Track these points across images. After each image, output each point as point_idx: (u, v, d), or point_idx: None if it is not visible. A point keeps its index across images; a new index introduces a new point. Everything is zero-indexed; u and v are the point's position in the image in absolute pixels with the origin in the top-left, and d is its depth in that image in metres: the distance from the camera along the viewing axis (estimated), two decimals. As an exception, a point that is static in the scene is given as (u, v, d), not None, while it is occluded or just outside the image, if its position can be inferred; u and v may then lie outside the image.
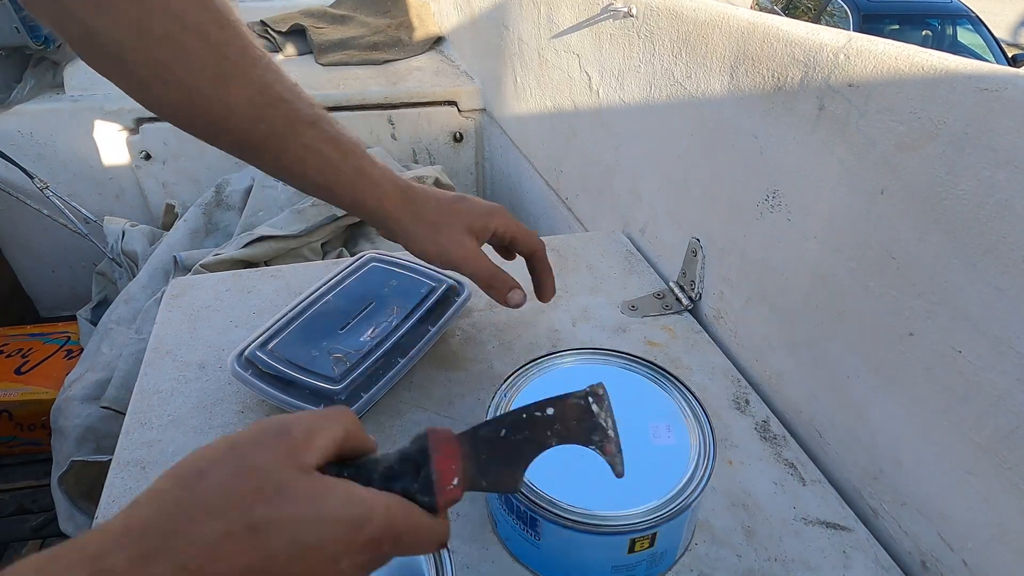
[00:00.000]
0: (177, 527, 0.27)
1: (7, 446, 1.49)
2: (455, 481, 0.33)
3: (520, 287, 0.60)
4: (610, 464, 0.36)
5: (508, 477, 0.35)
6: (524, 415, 0.35)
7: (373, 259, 0.77)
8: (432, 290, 0.71)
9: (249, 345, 0.64)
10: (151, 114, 1.55)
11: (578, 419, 0.36)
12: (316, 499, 0.28)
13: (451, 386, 0.68)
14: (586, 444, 0.36)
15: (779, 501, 0.57)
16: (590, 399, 0.36)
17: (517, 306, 0.60)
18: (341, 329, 0.65)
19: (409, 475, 0.32)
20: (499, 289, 0.60)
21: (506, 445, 0.35)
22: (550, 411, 0.35)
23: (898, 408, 0.53)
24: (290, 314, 0.68)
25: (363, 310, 0.68)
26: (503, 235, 0.61)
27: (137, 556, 0.26)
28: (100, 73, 0.48)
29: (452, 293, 0.72)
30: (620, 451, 0.35)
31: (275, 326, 0.66)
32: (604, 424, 0.36)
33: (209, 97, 0.48)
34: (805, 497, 0.57)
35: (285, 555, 0.27)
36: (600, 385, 0.35)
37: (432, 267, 0.70)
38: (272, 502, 0.27)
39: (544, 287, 0.64)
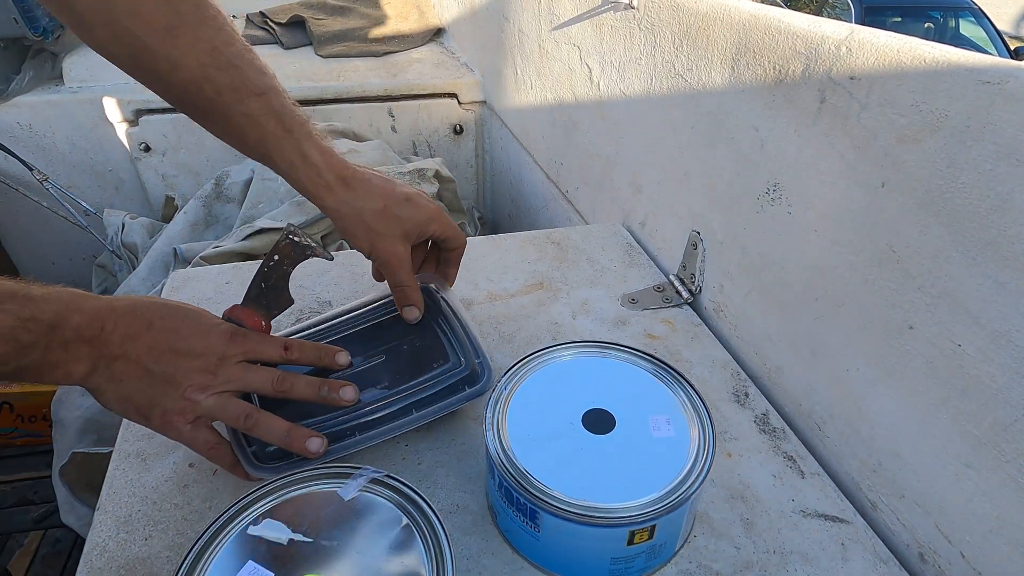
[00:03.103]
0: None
1: (8, 438, 1.50)
2: (263, 324, 0.56)
3: (420, 308, 0.63)
4: (324, 257, 0.58)
5: (285, 301, 0.58)
6: (266, 270, 0.56)
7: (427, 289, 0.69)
8: (445, 372, 0.60)
9: None
10: (151, 106, 1.54)
11: (292, 249, 0.55)
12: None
13: (451, 379, 0.68)
14: (305, 258, 0.56)
15: (778, 493, 0.57)
16: (291, 236, 0.55)
17: (409, 321, 0.63)
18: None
19: None
20: (402, 300, 0.62)
21: (271, 290, 0.56)
22: (276, 256, 0.56)
23: (897, 401, 0.53)
24: (300, 334, 0.65)
25: (366, 363, 0.62)
26: (438, 237, 0.65)
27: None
28: (42, 3, 0.49)
29: (466, 381, 0.60)
30: (325, 249, 0.59)
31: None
32: (308, 243, 0.56)
33: (155, 51, 0.47)
34: (804, 490, 0.58)
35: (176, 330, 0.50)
36: (290, 226, 0.55)
37: (455, 337, 0.64)
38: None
39: (448, 276, 0.69)
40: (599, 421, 0.51)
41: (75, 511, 1.05)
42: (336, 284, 0.81)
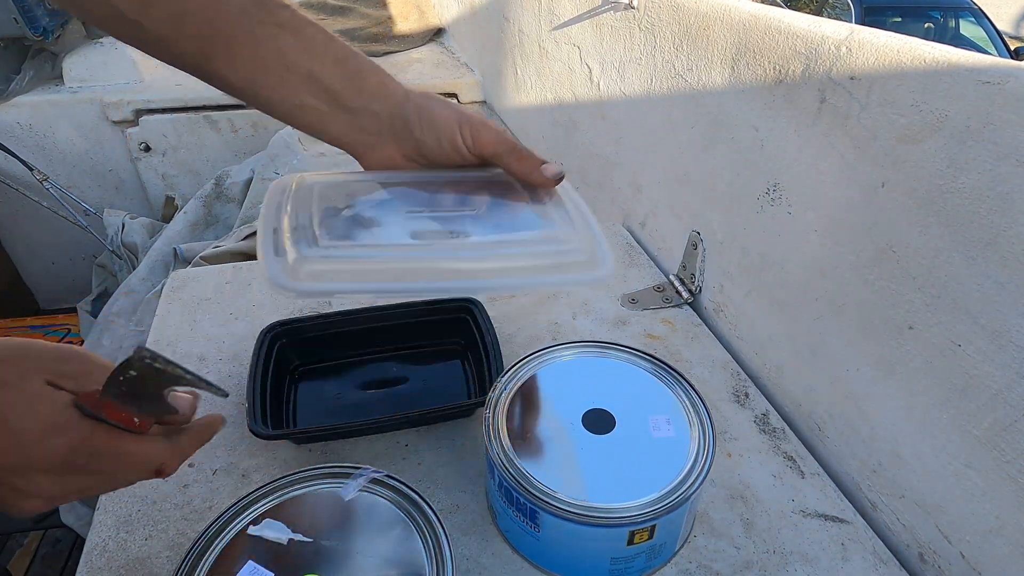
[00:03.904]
0: None
1: (8, 438, 1.49)
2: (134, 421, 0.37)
3: (546, 172, 0.47)
4: (212, 392, 0.38)
5: (166, 410, 0.39)
6: (121, 379, 0.36)
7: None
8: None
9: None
10: (151, 106, 1.54)
11: (153, 373, 0.36)
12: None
13: (451, 379, 0.68)
14: (176, 384, 0.38)
15: (778, 494, 0.57)
16: (148, 360, 0.35)
17: (556, 179, 0.47)
18: None
19: None
20: (532, 161, 0.47)
21: (139, 397, 0.37)
22: (132, 372, 0.35)
23: (897, 401, 0.53)
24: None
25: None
26: (477, 151, 0.48)
27: None
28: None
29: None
30: (205, 380, 0.37)
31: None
32: (178, 372, 0.36)
33: None
34: (804, 490, 0.58)
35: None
36: (141, 348, 0.34)
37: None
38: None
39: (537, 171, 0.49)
40: (599, 421, 0.51)
41: (75, 511, 1.05)
42: (336, 284, 0.81)
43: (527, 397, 0.53)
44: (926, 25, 5.61)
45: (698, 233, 0.78)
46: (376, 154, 0.47)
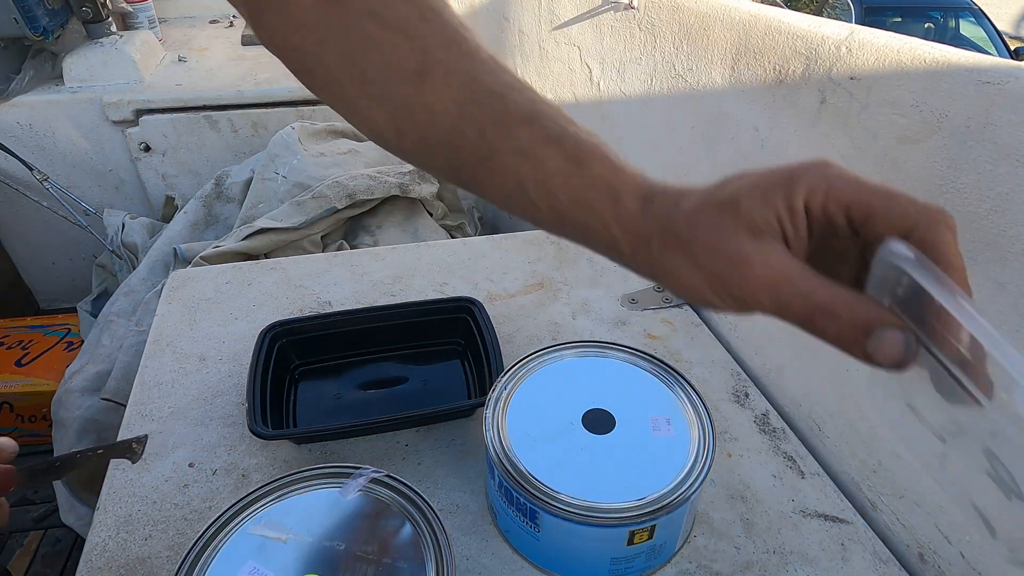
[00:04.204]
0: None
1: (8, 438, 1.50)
2: None
3: (896, 322, 0.29)
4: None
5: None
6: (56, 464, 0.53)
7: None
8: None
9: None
10: (151, 106, 1.54)
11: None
12: None
13: (451, 379, 0.68)
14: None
15: (778, 494, 0.57)
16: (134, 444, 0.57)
17: (895, 364, 0.30)
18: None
19: None
20: (842, 326, 0.31)
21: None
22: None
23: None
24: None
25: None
26: (828, 207, 0.31)
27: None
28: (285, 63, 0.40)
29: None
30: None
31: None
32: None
33: (410, 103, 0.38)
34: (804, 490, 0.58)
35: None
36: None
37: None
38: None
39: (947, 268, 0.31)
40: (599, 421, 0.51)
41: (75, 510, 1.05)
42: (336, 284, 0.81)
43: None
44: (926, 25, 5.61)
45: (698, 233, 0.78)
46: (638, 266, 0.36)
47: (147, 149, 1.59)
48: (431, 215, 1.28)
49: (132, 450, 0.55)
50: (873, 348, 0.30)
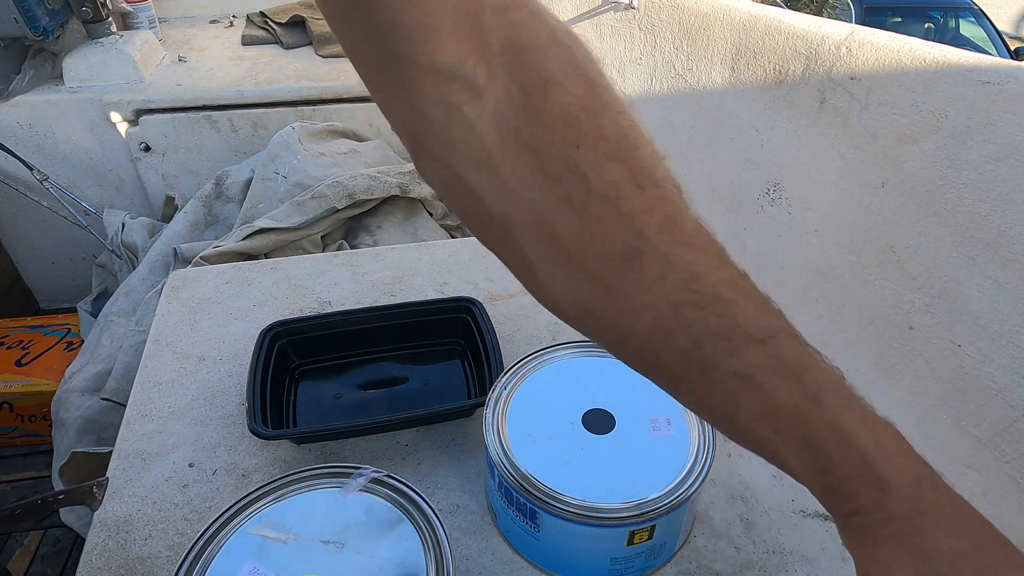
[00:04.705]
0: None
1: (8, 437, 1.50)
2: None
3: None
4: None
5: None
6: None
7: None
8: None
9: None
10: (151, 106, 1.54)
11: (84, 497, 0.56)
12: None
13: (451, 379, 0.68)
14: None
15: (778, 494, 0.57)
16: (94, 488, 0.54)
17: None
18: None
19: None
20: None
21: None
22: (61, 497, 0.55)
23: (897, 401, 0.53)
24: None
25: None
26: None
27: None
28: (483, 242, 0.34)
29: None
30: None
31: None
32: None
33: (613, 289, 0.32)
34: (804, 490, 0.57)
35: None
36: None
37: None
38: None
39: None
40: (599, 421, 0.51)
41: (75, 511, 1.05)
42: (336, 284, 0.81)
43: None
44: (926, 25, 5.61)
45: (698, 233, 0.78)
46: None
47: (147, 149, 1.59)
48: (431, 215, 1.28)
49: (92, 495, 0.55)
50: None
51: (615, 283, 0.32)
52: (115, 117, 1.58)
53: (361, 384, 0.67)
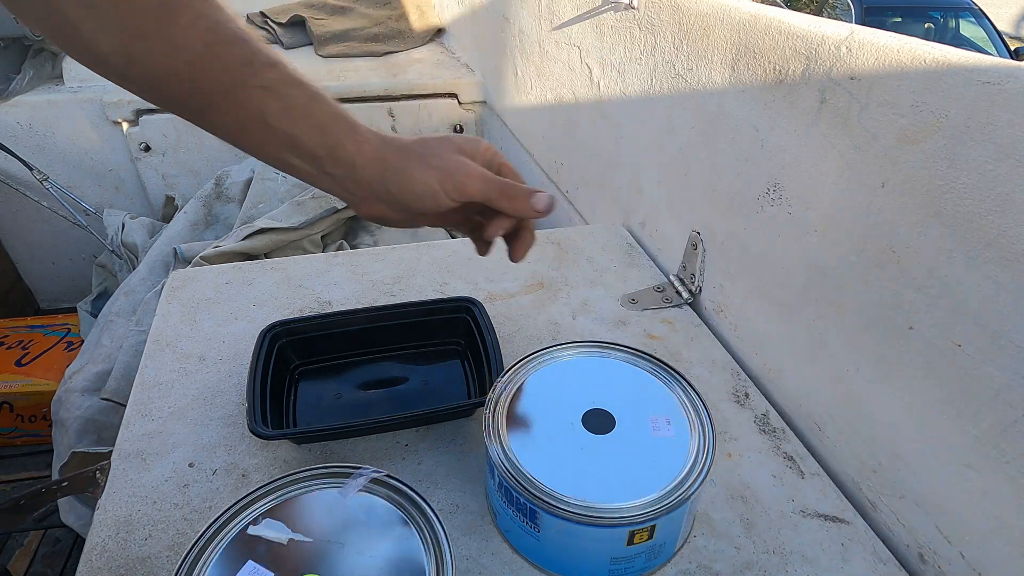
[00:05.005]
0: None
1: (8, 437, 1.50)
2: None
3: (541, 191, 0.48)
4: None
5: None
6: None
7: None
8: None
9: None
10: (151, 106, 1.55)
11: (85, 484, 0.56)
12: None
13: (451, 379, 0.68)
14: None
15: (778, 494, 0.57)
16: (97, 472, 0.55)
17: (548, 210, 0.49)
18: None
19: None
20: (521, 198, 0.48)
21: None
22: (64, 483, 0.55)
23: (897, 401, 0.53)
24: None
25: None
26: (493, 161, 0.50)
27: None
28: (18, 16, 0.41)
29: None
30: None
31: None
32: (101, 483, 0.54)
33: (151, 35, 0.40)
34: (804, 490, 0.58)
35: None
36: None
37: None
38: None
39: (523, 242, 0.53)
40: (599, 421, 0.51)
41: (75, 511, 1.05)
42: (336, 284, 0.82)
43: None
44: (926, 25, 5.61)
45: (698, 233, 0.78)
46: (366, 210, 0.48)
47: (147, 149, 1.59)
48: (431, 215, 1.28)
49: (95, 481, 0.56)
50: (535, 203, 0.48)
51: (155, 32, 0.40)
52: (115, 117, 1.58)
53: (361, 384, 0.67)
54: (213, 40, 0.42)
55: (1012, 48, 5.75)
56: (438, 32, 1.98)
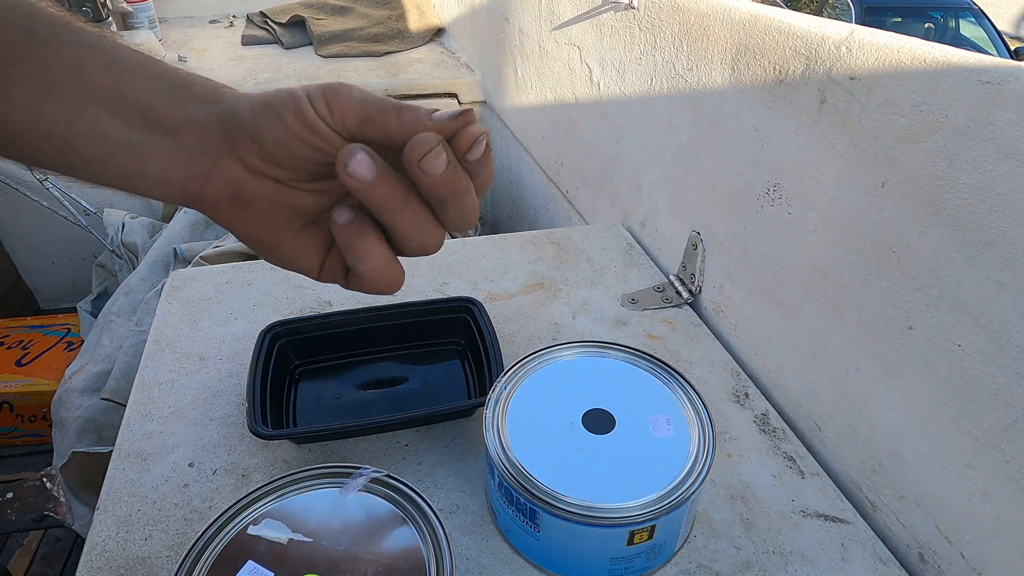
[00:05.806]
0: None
1: (8, 437, 1.50)
2: None
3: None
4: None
5: None
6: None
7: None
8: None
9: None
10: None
11: (35, 495, 0.53)
12: None
13: (451, 379, 0.68)
14: (44, 512, 0.52)
15: (778, 494, 0.57)
16: (44, 480, 0.51)
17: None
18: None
19: None
20: (415, 115, 0.33)
21: None
22: (10, 494, 0.48)
23: (897, 401, 0.53)
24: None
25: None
26: (345, 120, 0.33)
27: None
28: None
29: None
30: (72, 513, 0.52)
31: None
32: (57, 495, 0.48)
33: None
34: (804, 490, 0.58)
35: None
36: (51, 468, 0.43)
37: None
38: None
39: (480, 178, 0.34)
40: (599, 421, 0.51)
41: (75, 510, 1.05)
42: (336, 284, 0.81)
43: None
44: (926, 25, 5.61)
45: (698, 233, 0.78)
46: (214, 181, 0.35)
47: (147, 149, 1.59)
48: (431, 215, 1.28)
49: (48, 493, 0.56)
50: (439, 118, 0.34)
51: None
52: (115, 117, 1.57)
53: (361, 384, 0.67)
54: (9, 6, 0.35)
55: (1012, 48, 5.75)
56: (438, 32, 1.98)
